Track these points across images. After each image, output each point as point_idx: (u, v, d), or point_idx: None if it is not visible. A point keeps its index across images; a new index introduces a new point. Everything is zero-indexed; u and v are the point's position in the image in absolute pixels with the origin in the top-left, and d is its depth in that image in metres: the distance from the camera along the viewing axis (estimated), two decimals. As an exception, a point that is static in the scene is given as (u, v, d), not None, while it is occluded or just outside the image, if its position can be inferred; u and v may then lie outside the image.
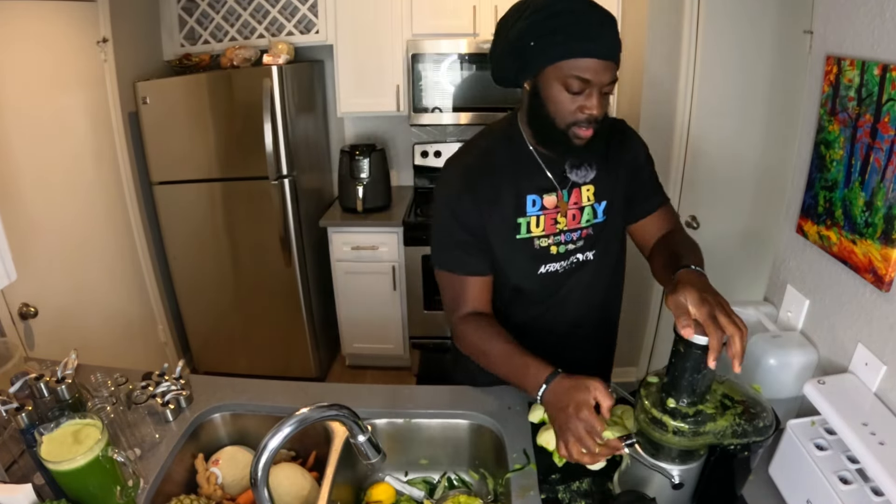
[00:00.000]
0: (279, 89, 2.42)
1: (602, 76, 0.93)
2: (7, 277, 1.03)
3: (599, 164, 1.13)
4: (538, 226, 1.11)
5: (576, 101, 0.96)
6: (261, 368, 2.92)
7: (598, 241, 1.16)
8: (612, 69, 0.94)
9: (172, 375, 1.24)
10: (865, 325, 0.96)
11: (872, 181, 0.92)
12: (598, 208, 1.14)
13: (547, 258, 1.14)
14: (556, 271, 1.16)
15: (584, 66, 0.92)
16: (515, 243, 1.11)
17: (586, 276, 1.19)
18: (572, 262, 1.16)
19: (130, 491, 0.93)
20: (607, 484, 1.01)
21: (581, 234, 1.14)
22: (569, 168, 1.11)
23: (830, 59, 1.04)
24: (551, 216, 1.11)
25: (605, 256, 1.19)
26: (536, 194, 1.10)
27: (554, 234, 1.12)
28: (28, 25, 1.98)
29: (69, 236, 2.22)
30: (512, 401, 1.21)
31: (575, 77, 0.93)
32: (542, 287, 1.18)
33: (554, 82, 0.96)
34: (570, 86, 0.94)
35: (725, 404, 0.83)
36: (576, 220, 1.13)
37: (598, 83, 0.94)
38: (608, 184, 1.14)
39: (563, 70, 0.94)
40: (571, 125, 0.98)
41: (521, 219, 1.10)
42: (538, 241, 1.12)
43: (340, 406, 0.85)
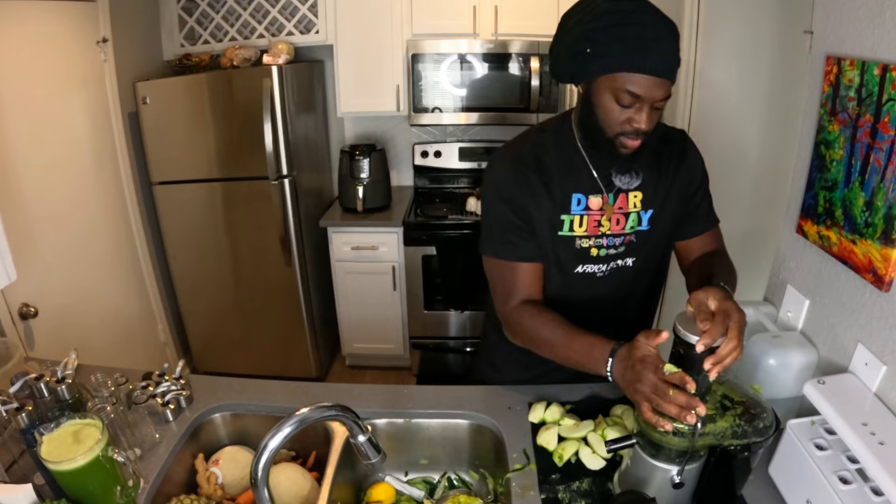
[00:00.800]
0: (279, 89, 2.42)
1: (655, 92, 0.92)
2: (7, 277, 1.03)
3: (649, 172, 1.12)
4: (581, 225, 1.11)
5: (625, 113, 0.96)
6: (261, 368, 2.92)
7: (640, 248, 1.15)
8: (665, 86, 0.93)
9: (172, 375, 1.24)
10: (865, 325, 0.96)
11: (872, 181, 0.92)
12: (643, 216, 1.13)
13: (586, 259, 1.13)
14: (593, 273, 1.15)
15: (637, 82, 0.91)
16: (556, 240, 1.11)
17: (623, 283, 1.18)
18: (612, 268, 1.15)
19: (130, 491, 0.93)
20: (607, 484, 1.01)
21: (624, 240, 1.13)
22: (614, 173, 1.10)
23: (830, 59, 1.04)
24: (595, 218, 1.11)
25: (645, 265, 1.18)
26: (582, 194, 1.10)
27: (596, 235, 1.12)
28: (28, 25, 1.98)
29: (69, 236, 2.22)
30: (512, 401, 1.21)
31: (626, 91, 0.93)
32: (577, 287, 1.17)
33: (606, 92, 0.95)
34: (621, 99, 0.94)
35: (725, 405, 0.83)
36: (620, 226, 1.12)
37: (650, 99, 0.93)
38: (658, 194, 1.13)
39: (615, 82, 0.93)
40: (619, 135, 0.99)
41: (565, 216, 1.10)
42: (580, 241, 1.12)
43: (340, 406, 0.85)
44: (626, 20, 0.90)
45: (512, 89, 2.66)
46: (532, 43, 2.56)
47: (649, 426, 0.85)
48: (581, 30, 0.94)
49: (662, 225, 1.15)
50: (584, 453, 1.06)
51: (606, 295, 1.18)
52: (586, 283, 1.16)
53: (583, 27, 0.94)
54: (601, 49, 0.92)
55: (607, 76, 0.94)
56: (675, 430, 0.82)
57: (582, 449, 1.06)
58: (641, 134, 0.97)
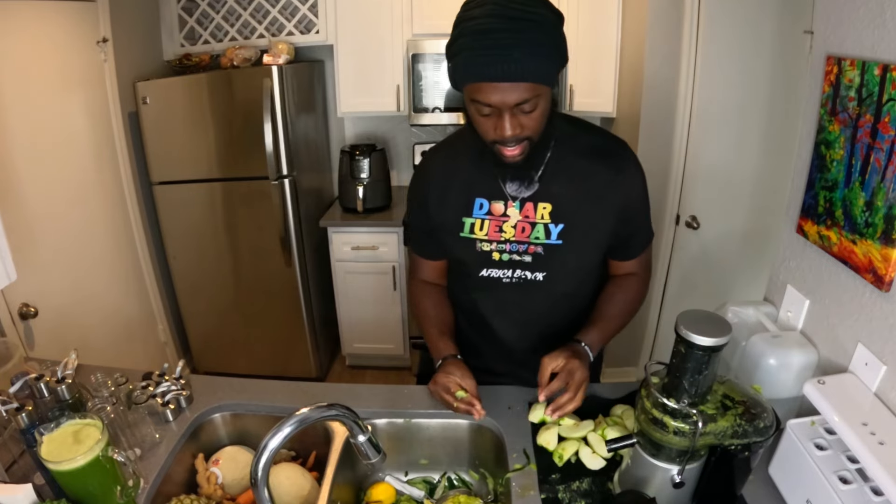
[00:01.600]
0: (279, 89, 2.42)
1: (506, 98, 0.89)
2: (7, 277, 1.03)
3: (569, 184, 1.08)
4: (482, 229, 1.11)
5: (488, 121, 0.94)
6: (261, 368, 2.92)
7: (550, 264, 1.12)
8: (520, 89, 0.89)
9: (172, 375, 1.24)
10: (865, 325, 0.96)
11: (873, 181, 0.92)
12: (552, 229, 1.09)
13: (489, 262, 1.13)
14: (498, 278, 1.14)
15: (482, 90, 0.90)
16: (459, 240, 1.13)
17: (535, 300, 1.16)
18: (519, 278, 1.14)
19: (130, 491, 0.93)
20: (607, 484, 1.01)
21: (528, 248, 1.10)
22: (507, 179, 1.08)
23: (831, 59, 1.04)
24: (496, 223, 1.10)
25: (558, 284, 1.15)
26: (485, 198, 1.10)
27: (498, 241, 1.11)
28: (28, 25, 1.98)
29: (69, 236, 2.22)
30: (512, 401, 1.21)
31: (477, 101, 0.92)
32: (485, 293, 1.19)
33: (468, 102, 0.95)
34: (479, 108, 0.93)
35: (726, 405, 0.83)
36: (525, 234, 1.10)
37: (503, 105, 0.90)
38: (576, 209, 1.08)
39: (468, 92, 0.93)
40: (493, 143, 0.97)
41: (466, 219, 1.12)
42: (480, 244, 1.12)
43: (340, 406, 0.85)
44: (468, 29, 0.89)
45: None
46: (532, 43, 2.56)
47: (650, 426, 0.85)
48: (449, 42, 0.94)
49: (578, 244, 1.10)
50: (584, 453, 1.06)
51: (516, 309, 1.19)
52: (495, 291, 1.17)
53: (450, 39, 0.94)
54: (453, 61, 0.92)
55: (465, 87, 0.93)
56: (675, 429, 0.82)
57: (582, 449, 1.06)
58: (513, 141, 0.95)
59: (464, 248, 1.14)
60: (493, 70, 0.87)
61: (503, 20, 0.86)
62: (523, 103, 0.90)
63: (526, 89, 0.89)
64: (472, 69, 0.88)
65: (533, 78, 0.88)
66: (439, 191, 1.14)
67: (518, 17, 0.86)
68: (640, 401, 0.88)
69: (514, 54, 0.86)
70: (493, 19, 0.86)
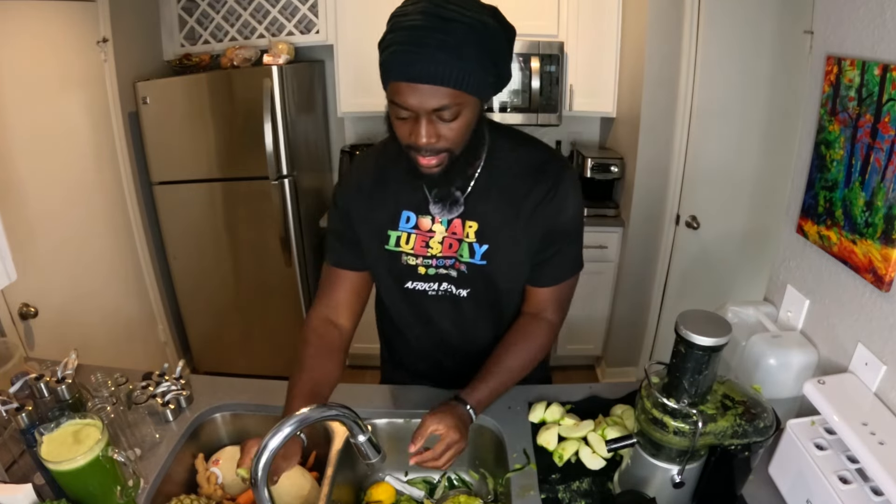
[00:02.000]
0: (279, 89, 2.42)
1: (425, 102, 0.83)
2: (7, 277, 1.03)
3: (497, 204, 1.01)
4: (408, 243, 1.05)
5: (405, 126, 0.88)
6: (261, 368, 2.91)
7: (474, 283, 1.06)
8: (440, 94, 0.82)
9: (172, 375, 1.24)
10: (865, 325, 0.96)
11: (873, 181, 0.92)
12: (476, 249, 1.03)
13: (414, 276, 1.08)
14: (424, 291, 1.09)
15: (401, 90, 0.84)
16: (383, 253, 1.07)
17: (460, 312, 1.11)
18: (445, 291, 1.09)
19: (130, 491, 0.93)
20: (607, 484, 1.01)
21: (454, 264, 1.05)
22: (432, 198, 1.01)
23: (831, 59, 1.04)
24: (423, 238, 1.05)
25: (483, 301, 1.09)
26: (413, 212, 1.04)
27: (424, 255, 1.05)
28: (28, 25, 1.98)
29: (69, 236, 2.22)
30: (512, 401, 1.21)
31: (395, 103, 0.86)
32: (410, 305, 1.13)
33: (390, 103, 0.88)
34: (397, 111, 0.87)
35: (726, 405, 0.83)
36: (451, 249, 1.04)
37: (421, 109, 0.84)
38: (500, 230, 1.02)
39: (389, 92, 0.87)
40: (408, 149, 0.91)
41: (392, 231, 1.06)
42: (406, 258, 1.06)
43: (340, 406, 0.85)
44: (398, 25, 0.83)
45: (512, 89, 2.66)
46: (532, 43, 2.56)
47: (650, 426, 0.85)
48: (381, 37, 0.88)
49: (501, 266, 1.04)
50: (584, 453, 1.06)
51: (442, 318, 1.13)
52: (420, 302, 1.11)
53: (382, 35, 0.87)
54: (381, 57, 0.86)
55: (387, 86, 0.87)
56: (675, 429, 0.82)
57: (582, 449, 1.06)
58: (428, 151, 0.88)
59: (388, 261, 1.08)
60: (413, 69, 0.81)
61: (436, 19, 0.80)
62: (443, 110, 0.84)
63: (447, 95, 0.83)
64: (394, 66, 0.83)
65: (456, 84, 0.82)
66: (366, 199, 1.07)
67: (452, 19, 0.80)
68: (640, 401, 0.88)
69: (439, 56, 0.80)
70: (426, 17, 0.80)
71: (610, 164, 2.62)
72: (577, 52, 2.61)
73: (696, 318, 0.81)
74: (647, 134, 2.39)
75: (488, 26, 0.83)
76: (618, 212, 2.68)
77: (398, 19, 0.84)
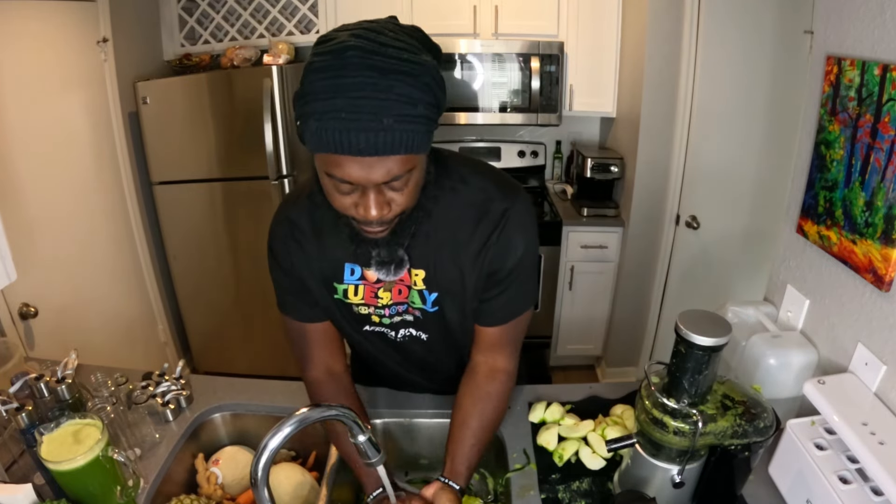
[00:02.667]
0: (279, 89, 2.42)
1: (373, 174, 0.70)
2: (7, 277, 1.03)
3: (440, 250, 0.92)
4: (356, 294, 0.97)
5: (348, 198, 0.76)
6: (261, 368, 2.91)
7: (430, 327, 1.01)
8: (390, 163, 0.70)
9: (172, 375, 1.24)
10: (865, 325, 0.96)
11: (872, 181, 0.92)
12: (427, 296, 0.96)
13: (369, 322, 1.01)
14: (383, 333, 1.03)
15: (340, 164, 0.70)
16: (334, 302, 0.99)
17: (422, 352, 1.06)
18: (405, 336, 1.03)
19: (130, 491, 0.93)
20: (607, 484, 1.01)
21: (408, 309, 0.98)
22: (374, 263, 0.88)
23: (831, 59, 1.04)
24: (371, 289, 0.96)
25: (444, 342, 1.04)
26: (357, 264, 0.94)
27: (376, 306, 0.98)
28: (28, 25, 1.98)
29: (69, 236, 2.22)
30: (512, 401, 1.21)
31: (334, 176, 0.72)
32: (373, 345, 1.06)
33: (322, 172, 0.75)
34: (335, 185, 0.74)
35: (726, 405, 0.83)
36: (402, 295, 0.97)
37: (368, 183, 0.72)
38: (446, 275, 0.94)
39: (322, 163, 0.73)
40: (352, 219, 0.79)
41: (338, 284, 0.97)
42: (357, 308, 0.99)
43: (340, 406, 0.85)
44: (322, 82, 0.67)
45: (512, 89, 2.66)
46: (532, 43, 2.56)
47: (650, 426, 0.85)
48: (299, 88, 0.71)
49: (454, 310, 0.97)
50: (584, 453, 1.06)
51: (406, 355, 1.08)
52: (382, 342, 1.05)
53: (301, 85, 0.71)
54: (303, 120, 0.70)
55: (317, 156, 0.74)
56: (675, 429, 0.82)
57: (582, 449, 1.06)
58: (379, 223, 0.78)
59: (341, 308, 1.00)
60: (354, 141, 0.67)
61: (369, 73, 0.66)
62: (393, 180, 0.73)
63: (398, 162, 0.71)
64: (327, 136, 0.68)
65: (406, 149, 0.70)
66: (304, 252, 0.96)
67: (389, 70, 0.67)
68: (640, 401, 0.88)
69: (385, 121, 0.67)
70: (357, 72, 0.66)
71: (610, 164, 2.62)
72: (577, 52, 2.61)
73: (696, 318, 0.81)
74: (647, 134, 2.38)
75: (427, 66, 0.71)
76: (618, 212, 2.68)
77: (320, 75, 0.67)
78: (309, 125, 0.69)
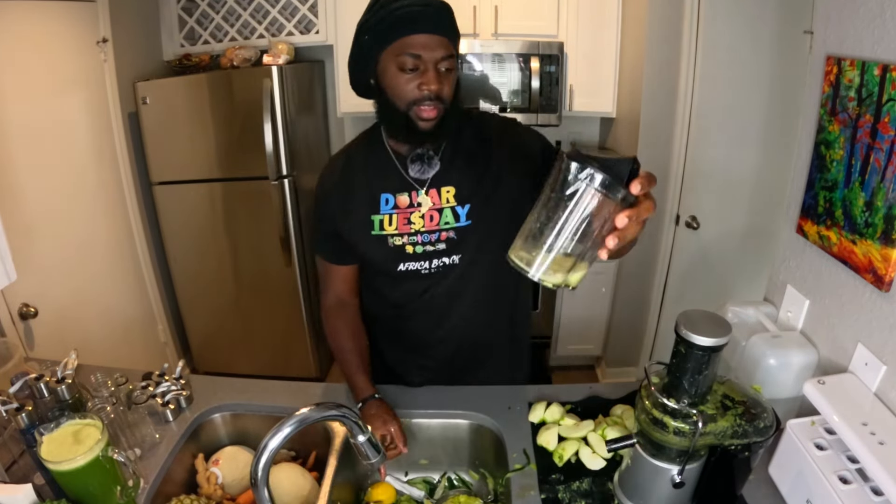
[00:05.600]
0: (279, 89, 2.42)
1: (434, 52, 0.97)
2: (7, 277, 1.03)
3: (466, 169, 1.11)
4: (391, 224, 1.12)
5: (413, 80, 0.99)
6: (261, 368, 2.92)
7: (463, 245, 1.13)
8: (443, 45, 0.98)
9: (172, 375, 1.24)
10: (865, 325, 0.96)
11: (872, 181, 0.92)
12: (460, 211, 1.11)
13: (404, 256, 1.13)
14: (417, 270, 1.14)
15: (412, 43, 0.97)
16: (371, 240, 1.13)
17: (452, 283, 1.16)
18: (438, 266, 1.14)
19: (130, 491, 0.93)
20: (607, 484, 1.01)
21: (440, 236, 1.12)
22: (409, 164, 1.10)
23: (830, 60, 1.04)
24: (404, 215, 1.12)
25: (475, 263, 1.15)
26: (390, 193, 1.12)
27: (409, 233, 1.12)
28: (28, 25, 1.98)
29: (69, 236, 2.22)
30: (512, 401, 1.21)
31: (407, 54, 0.97)
32: (406, 287, 1.18)
33: (390, 66, 1.00)
34: (404, 64, 0.98)
35: (726, 405, 0.83)
36: (433, 222, 1.11)
37: (431, 59, 0.98)
38: (474, 184, 1.11)
39: (395, 51, 0.98)
40: (412, 105, 1.00)
41: (375, 216, 1.12)
42: (392, 240, 1.12)
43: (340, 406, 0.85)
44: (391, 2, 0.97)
45: (512, 90, 2.66)
46: (532, 43, 2.56)
47: (650, 426, 0.85)
48: (359, 29, 1.02)
49: (488, 220, 1.11)
50: (584, 453, 1.06)
51: (435, 297, 1.17)
52: (415, 283, 1.16)
53: (358, 28, 1.02)
54: (375, 30, 0.99)
55: (387, 51, 0.99)
56: (675, 429, 0.82)
57: (582, 449, 1.06)
58: (434, 100, 0.99)
59: (377, 248, 1.13)
60: (424, 24, 0.96)
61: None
62: (444, 59, 0.98)
63: (447, 46, 0.99)
64: (405, 24, 0.96)
65: (453, 38, 1.00)
66: (342, 196, 1.14)
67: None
68: (640, 401, 0.88)
69: (441, 14, 0.99)
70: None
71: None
72: (577, 52, 2.61)
73: (696, 318, 0.81)
74: (646, 134, 2.38)
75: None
76: (618, 212, 2.68)
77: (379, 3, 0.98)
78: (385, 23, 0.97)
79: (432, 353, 1.26)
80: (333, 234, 1.17)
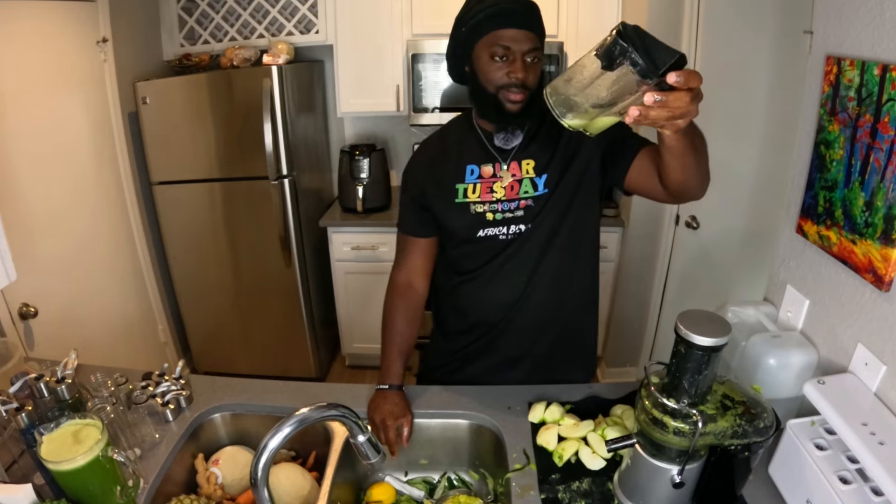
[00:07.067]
0: (279, 89, 2.42)
1: (521, 44, 1.08)
2: (7, 277, 1.03)
3: (545, 148, 1.20)
4: (474, 192, 1.21)
5: (502, 67, 1.10)
6: (261, 368, 2.92)
7: (538, 213, 1.21)
8: (531, 39, 1.09)
9: (172, 375, 1.24)
10: (865, 325, 0.96)
11: (872, 181, 0.92)
12: (538, 181, 1.20)
13: (484, 223, 1.21)
14: (495, 236, 1.22)
15: (503, 35, 1.08)
16: (454, 207, 1.22)
17: (531, 254, 1.23)
18: (515, 233, 1.22)
19: (130, 491, 0.93)
20: (607, 484, 1.01)
21: (519, 204, 1.21)
22: (495, 131, 1.20)
23: (830, 59, 1.04)
24: (487, 184, 1.21)
25: (551, 234, 1.21)
26: (475, 164, 1.22)
27: (490, 201, 1.21)
28: (28, 25, 1.98)
29: (69, 236, 2.22)
30: (512, 401, 1.21)
31: (497, 45, 1.09)
32: (483, 251, 1.25)
33: (483, 54, 1.12)
34: (495, 53, 1.09)
35: (726, 405, 0.83)
36: (514, 192, 1.20)
37: (518, 50, 1.09)
38: (550, 157, 1.20)
39: (487, 43, 1.10)
40: (500, 88, 1.11)
41: (460, 185, 1.22)
42: (474, 207, 1.21)
43: (340, 406, 0.85)
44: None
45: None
46: (532, 43, 2.56)
47: (650, 426, 0.85)
48: (457, 23, 1.16)
49: (563, 189, 1.20)
50: (584, 453, 1.06)
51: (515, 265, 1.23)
52: (493, 248, 1.23)
53: (457, 21, 1.16)
54: (473, 23, 1.11)
55: (482, 41, 1.11)
56: (675, 429, 0.82)
57: (582, 449, 1.06)
58: (521, 86, 1.10)
59: (459, 215, 1.22)
60: (513, 19, 1.08)
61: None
62: (531, 51, 1.09)
63: (534, 40, 1.10)
64: (496, 18, 1.09)
65: (539, 35, 1.11)
66: (434, 167, 1.26)
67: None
68: (640, 401, 0.88)
69: (529, 12, 1.11)
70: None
71: (610, 164, 2.62)
72: (577, 52, 2.61)
73: (696, 318, 0.81)
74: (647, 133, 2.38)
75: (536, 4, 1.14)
76: (618, 212, 2.68)
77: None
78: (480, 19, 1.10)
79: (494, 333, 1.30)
80: (419, 204, 1.27)
